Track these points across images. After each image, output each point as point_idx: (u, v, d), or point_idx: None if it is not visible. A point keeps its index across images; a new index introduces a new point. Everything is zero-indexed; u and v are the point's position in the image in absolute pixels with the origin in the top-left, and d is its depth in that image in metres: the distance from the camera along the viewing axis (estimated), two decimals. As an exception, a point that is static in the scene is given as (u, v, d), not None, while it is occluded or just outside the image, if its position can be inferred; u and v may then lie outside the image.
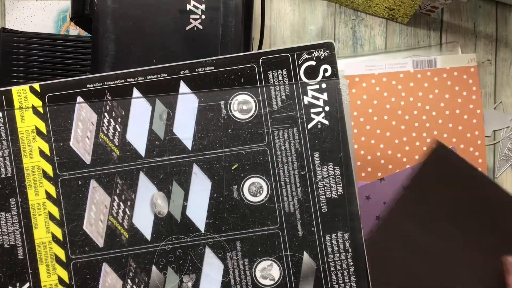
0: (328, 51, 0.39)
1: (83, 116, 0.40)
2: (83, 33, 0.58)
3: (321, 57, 0.39)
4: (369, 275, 0.39)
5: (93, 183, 0.39)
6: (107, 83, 0.40)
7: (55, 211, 0.39)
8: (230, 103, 0.40)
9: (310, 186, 0.39)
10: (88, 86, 0.39)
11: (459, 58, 0.55)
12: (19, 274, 0.39)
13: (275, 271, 0.39)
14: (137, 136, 0.40)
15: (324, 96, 0.39)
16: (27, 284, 0.39)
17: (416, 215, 0.47)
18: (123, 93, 0.40)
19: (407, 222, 0.47)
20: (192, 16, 0.43)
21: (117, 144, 0.40)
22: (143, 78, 0.40)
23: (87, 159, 0.39)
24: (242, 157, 0.39)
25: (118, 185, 0.39)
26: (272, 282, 0.39)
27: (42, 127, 0.40)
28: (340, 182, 0.39)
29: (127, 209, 0.39)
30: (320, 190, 0.39)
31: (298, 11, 0.59)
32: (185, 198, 0.39)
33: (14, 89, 0.40)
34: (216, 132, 0.39)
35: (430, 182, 0.47)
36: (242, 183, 0.39)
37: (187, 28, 0.43)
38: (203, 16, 0.43)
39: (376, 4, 0.55)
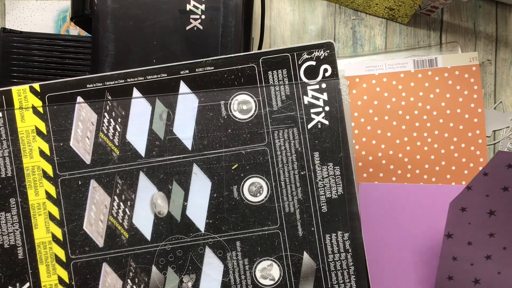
0: (328, 51, 0.39)
1: (83, 116, 0.40)
2: (83, 33, 0.58)
3: (321, 57, 0.39)
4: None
5: (93, 183, 0.39)
6: (107, 83, 0.40)
7: (55, 211, 0.39)
8: (230, 103, 0.40)
9: (310, 186, 0.39)
10: (88, 86, 0.39)
11: (461, 57, 0.55)
12: (19, 274, 0.39)
13: (275, 271, 0.39)
14: (137, 136, 0.40)
15: (324, 96, 0.39)
16: (27, 284, 0.39)
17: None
18: (123, 93, 0.40)
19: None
20: (192, 16, 0.43)
21: (117, 144, 0.40)
22: (143, 78, 0.40)
23: (87, 159, 0.39)
24: (242, 157, 0.39)
25: (118, 185, 0.39)
26: (272, 282, 0.39)
27: (42, 127, 0.40)
28: (340, 182, 0.39)
29: (127, 209, 0.39)
30: (320, 190, 0.39)
31: (298, 11, 0.59)
32: (185, 198, 0.39)
33: (14, 89, 0.40)
34: (216, 132, 0.39)
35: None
36: (242, 183, 0.39)
37: (187, 28, 0.43)
38: (203, 16, 0.43)
39: (376, 4, 0.55)
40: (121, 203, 0.39)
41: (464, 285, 0.48)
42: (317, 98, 0.39)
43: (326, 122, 0.39)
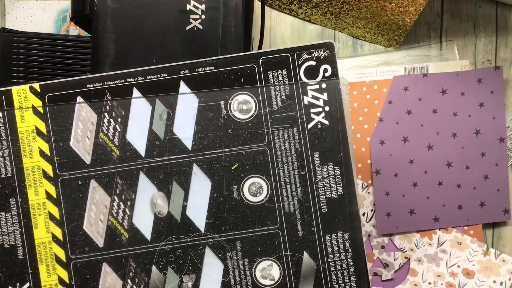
0: (328, 51, 0.39)
1: (83, 116, 0.40)
2: (83, 33, 0.58)
3: (321, 57, 0.39)
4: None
5: (93, 183, 0.39)
6: (107, 83, 0.40)
7: (55, 211, 0.39)
8: (230, 103, 0.40)
9: (310, 186, 0.39)
10: (88, 86, 0.40)
11: (452, 65, 0.55)
12: (19, 274, 0.39)
13: (275, 271, 0.39)
14: (137, 136, 0.40)
15: (324, 96, 0.39)
16: (27, 284, 0.39)
17: None
18: (123, 93, 0.40)
19: None
20: (192, 16, 0.43)
21: (117, 144, 0.40)
22: (143, 78, 0.40)
23: (87, 159, 0.39)
24: (242, 157, 0.39)
25: (118, 185, 0.39)
26: (272, 282, 0.39)
27: (42, 127, 0.40)
28: (340, 182, 0.39)
29: (127, 209, 0.39)
30: (320, 190, 0.39)
31: (298, 11, 0.59)
32: (185, 198, 0.39)
33: (14, 89, 0.40)
34: (216, 132, 0.39)
35: None
36: (242, 183, 0.39)
37: (187, 28, 0.43)
38: (203, 16, 0.43)
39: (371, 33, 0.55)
40: (121, 203, 0.39)
41: (401, 218, 0.52)
42: (317, 98, 0.39)
43: (326, 122, 0.39)
